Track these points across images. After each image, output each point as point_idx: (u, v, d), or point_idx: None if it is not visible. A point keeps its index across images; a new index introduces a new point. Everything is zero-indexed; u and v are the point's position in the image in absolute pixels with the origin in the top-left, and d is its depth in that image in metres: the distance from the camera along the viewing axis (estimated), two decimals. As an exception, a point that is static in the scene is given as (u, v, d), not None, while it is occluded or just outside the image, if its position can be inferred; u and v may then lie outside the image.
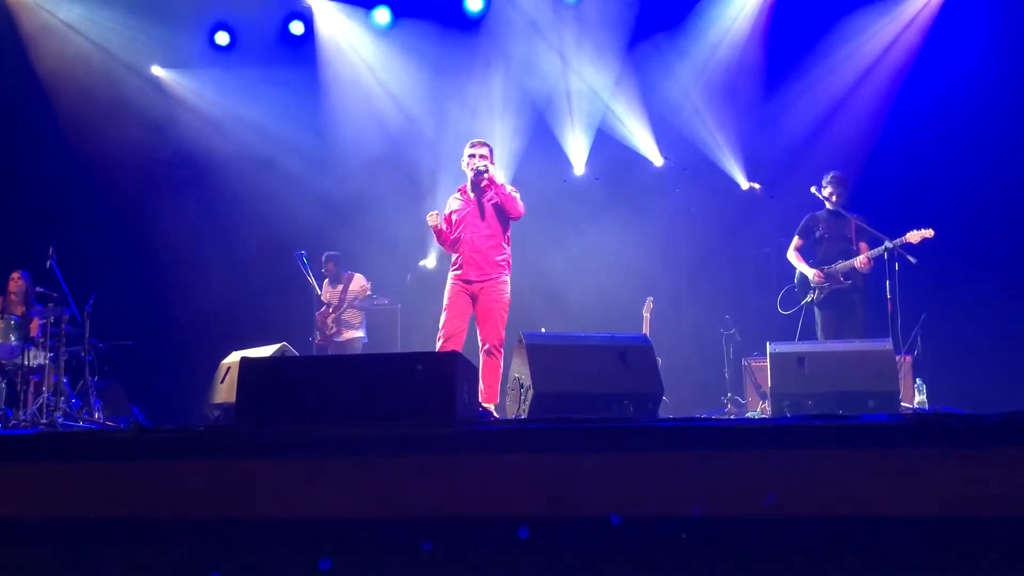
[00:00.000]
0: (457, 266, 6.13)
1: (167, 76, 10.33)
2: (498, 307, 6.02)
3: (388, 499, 2.38)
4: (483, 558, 2.36)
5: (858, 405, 5.15)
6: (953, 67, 8.48)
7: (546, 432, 2.53)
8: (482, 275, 6.03)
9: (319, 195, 9.91)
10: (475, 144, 6.26)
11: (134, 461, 2.45)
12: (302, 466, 2.45)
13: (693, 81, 9.59)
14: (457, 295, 6.05)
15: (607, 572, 2.30)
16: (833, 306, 7.09)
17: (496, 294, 6.02)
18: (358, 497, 2.36)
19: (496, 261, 6.07)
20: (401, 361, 3.00)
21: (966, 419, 2.53)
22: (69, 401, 7.40)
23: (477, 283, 6.03)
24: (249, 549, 2.31)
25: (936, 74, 8.63)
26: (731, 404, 8.06)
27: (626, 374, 5.06)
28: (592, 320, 8.59)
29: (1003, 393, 7.06)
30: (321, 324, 8.76)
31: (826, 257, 7.16)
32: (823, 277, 7.06)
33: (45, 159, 9.59)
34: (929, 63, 8.72)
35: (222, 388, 6.17)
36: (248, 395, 2.89)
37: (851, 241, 7.08)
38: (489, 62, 9.68)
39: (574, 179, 10.01)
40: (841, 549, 2.29)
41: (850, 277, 7.01)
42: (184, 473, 2.41)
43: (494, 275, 6.04)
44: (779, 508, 2.37)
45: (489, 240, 6.08)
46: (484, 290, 6.02)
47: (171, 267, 9.72)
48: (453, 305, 6.05)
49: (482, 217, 6.10)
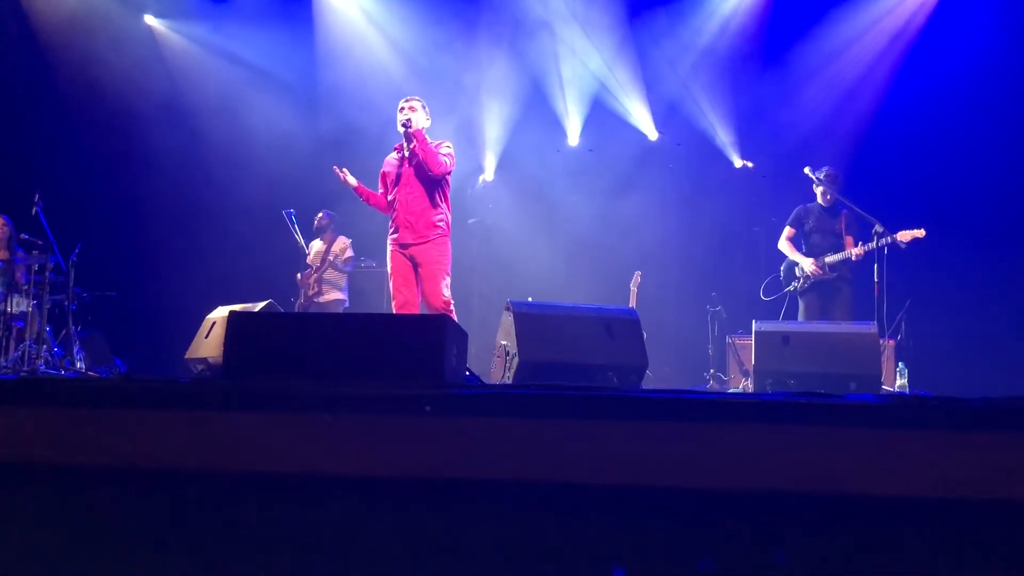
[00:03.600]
0: (393, 230, 5.88)
1: (160, 26, 10.18)
2: (437, 268, 5.72)
3: (373, 457, 2.39)
4: (464, 519, 2.37)
5: (840, 386, 5.19)
6: (950, 57, 8.50)
7: (533, 398, 2.53)
8: (418, 237, 5.74)
9: (310, 153, 9.82)
10: (406, 100, 5.94)
11: (119, 409, 2.44)
12: (288, 421, 2.45)
13: (691, 57, 9.55)
14: (398, 262, 5.81)
15: (587, 537, 2.32)
16: (816, 294, 7.18)
17: (434, 255, 5.74)
18: (344, 454, 2.37)
19: (432, 221, 5.76)
20: (392, 321, 2.99)
21: (948, 402, 2.56)
22: (51, 349, 7.37)
23: (414, 246, 5.75)
24: (232, 501, 2.32)
25: (933, 63, 8.65)
26: (713, 380, 8.11)
27: (612, 346, 5.08)
28: (580, 291, 8.61)
29: (982, 380, 7.14)
30: (303, 285, 8.70)
31: (813, 251, 7.26)
32: (820, 267, 7.13)
33: (33, 105, 9.47)
34: (927, 51, 8.74)
35: (206, 343, 6.16)
36: (236, 349, 2.88)
37: (840, 236, 7.20)
38: (488, 26, 9.59)
39: (568, 149, 9.98)
40: (821, 525, 2.32)
41: (836, 269, 7.10)
42: (169, 423, 2.40)
43: (431, 236, 5.75)
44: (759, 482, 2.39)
45: (420, 200, 5.76)
46: (421, 252, 5.74)
47: (158, 219, 9.65)
48: (396, 273, 5.82)
49: (415, 176, 5.78)
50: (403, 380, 2.75)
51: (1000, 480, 2.25)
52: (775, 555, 2.30)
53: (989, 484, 2.27)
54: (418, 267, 5.76)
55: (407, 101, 5.91)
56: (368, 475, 2.38)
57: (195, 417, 2.37)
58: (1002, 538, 2.23)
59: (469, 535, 2.36)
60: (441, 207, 5.84)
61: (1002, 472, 2.25)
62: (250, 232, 9.60)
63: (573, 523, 2.34)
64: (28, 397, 2.46)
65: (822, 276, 7.12)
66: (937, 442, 2.34)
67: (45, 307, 7.27)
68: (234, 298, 6.98)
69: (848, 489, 2.34)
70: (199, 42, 10.17)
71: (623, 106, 9.76)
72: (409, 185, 5.79)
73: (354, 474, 2.35)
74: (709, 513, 2.34)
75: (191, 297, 8.62)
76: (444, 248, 5.79)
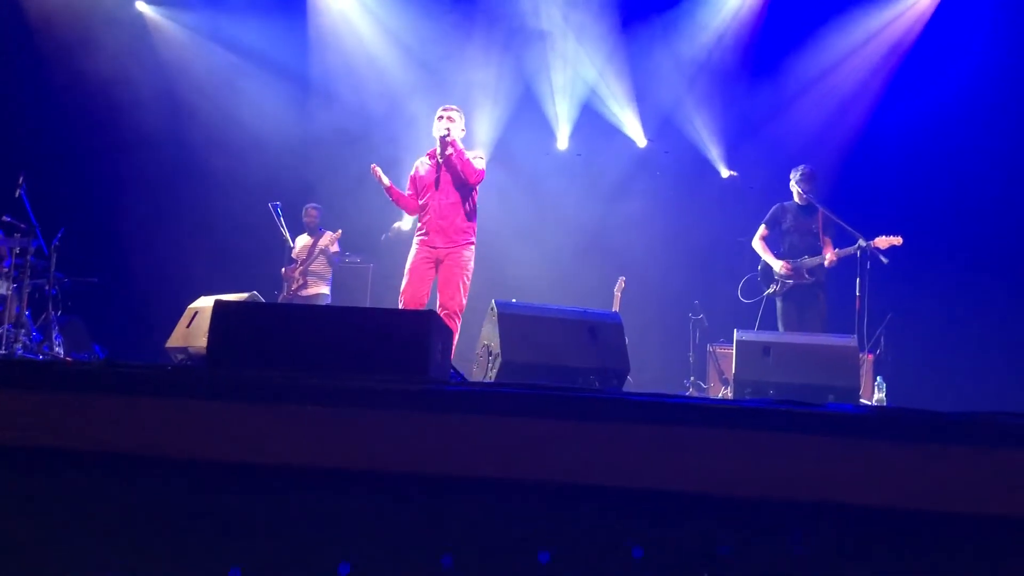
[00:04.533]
0: (423, 232, 6.12)
1: (151, 13, 10.13)
2: (461, 272, 6.01)
3: (355, 451, 2.39)
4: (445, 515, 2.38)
5: (819, 397, 5.22)
6: (939, 73, 8.60)
7: (517, 396, 2.54)
8: (448, 242, 6.03)
9: (297, 148, 9.81)
10: (446, 108, 6.18)
11: (100, 394, 2.43)
12: (270, 412, 2.44)
13: (682, 67, 9.60)
14: (421, 260, 6.04)
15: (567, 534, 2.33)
16: (794, 299, 7.22)
17: (461, 260, 6.02)
18: (327, 447, 2.37)
19: (462, 228, 6.06)
20: (378, 316, 2.99)
21: (926, 415, 2.58)
22: (30, 334, 7.32)
23: (443, 249, 6.03)
24: (212, 490, 2.31)
25: (923, 79, 8.74)
26: (693, 388, 8.15)
27: (595, 349, 5.10)
28: (564, 294, 8.63)
29: (960, 396, 7.23)
30: (288, 278, 8.68)
31: (791, 250, 7.27)
32: (790, 269, 7.16)
33: (21, 88, 9.39)
34: (918, 67, 8.83)
35: (188, 332, 6.14)
36: (220, 338, 2.87)
37: (817, 236, 7.20)
38: (480, 27, 9.60)
39: (556, 152, 10.00)
40: (797, 533, 2.34)
41: (814, 274, 7.13)
42: (151, 410, 2.39)
43: (461, 242, 6.05)
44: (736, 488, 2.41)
45: (455, 208, 6.05)
46: (449, 256, 6.02)
47: (142, 207, 9.60)
48: (415, 270, 6.04)
49: (449, 183, 6.06)
50: (387, 374, 2.75)
51: (976, 494, 2.28)
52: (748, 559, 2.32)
53: (965, 497, 2.30)
54: (440, 268, 6.04)
55: (446, 110, 6.14)
56: (349, 468, 2.38)
57: (178, 405, 2.37)
58: (977, 551, 2.26)
59: (449, 530, 2.36)
60: (472, 215, 6.14)
61: (978, 486, 2.28)
62: (235, 223, 9.57)
63: (553, 520, 2.36)
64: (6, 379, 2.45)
65: (799, 279, 7.15)
66: (914, 454, 2.37)
67: (25, 291, 7.21)
68: (216, 289, 6.96)
69: (826, 497, 2.36)
70: (190, 29, 10.13)
71: (613, 113, 9.80)
72: (445, 192, 6.05)
73: (336, 467, 2.35)
74: (683, 515, 2.35)
75: (173, 286, 8.59)
76: (470, 255, 6.09)
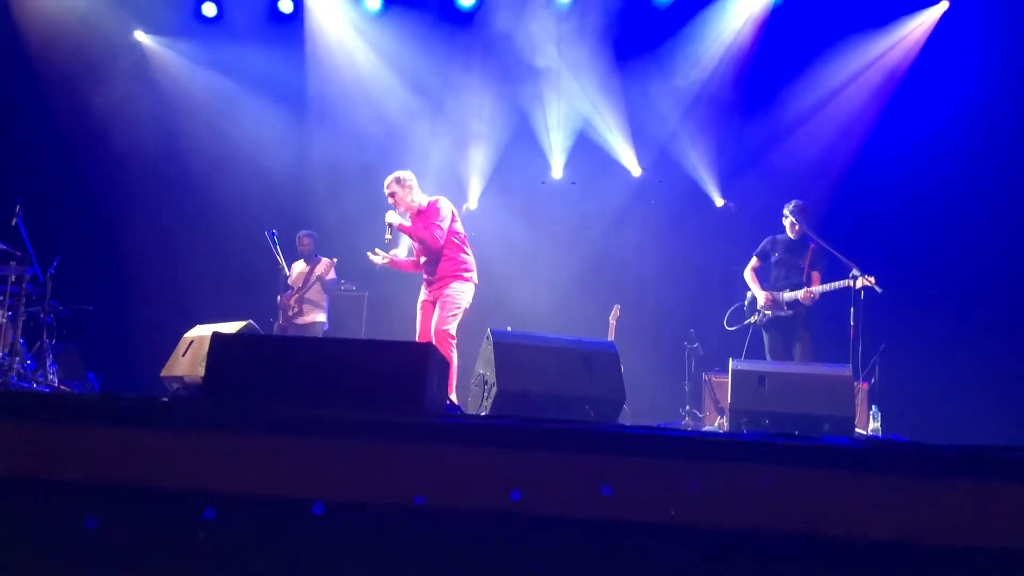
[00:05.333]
0: (423, 283, 6.69)
1: (150, 43, 10.20)
2: (446, 301, 6.41)
3: (351, 483, 2.39)
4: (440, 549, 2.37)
5: (814, 427, 5.24)
6: (932, 100, 8.66)
7: (513, 430, 2.55)
8: (435, 287, 6.54)
9: (293, 176, 9.85)
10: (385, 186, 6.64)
11: (96, 426, 2.43)
12: (266, 444, 2.45)
13: (676, 95, 9.67)
14: (424, 303, 6.62)
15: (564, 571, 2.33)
16: (778, 330, 7.30)
17: (447, 292, 6.44)
18: (323, 479, 2.37)
19: (446, 272, 6.50)
20: (374, 348, 3.00)
21: (922, 448, 2.59)
22: (24, 362, 7.28)
23: (435, 291, 6.52)
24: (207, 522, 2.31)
25: (914, 106, 8.81)
26: (689, 417, 8.14)
27: (590, 379, 5.11)
28: (559, 323, 8.64)
29: (955, 424, 7.24)
30: (284, 306, 8.67)
31: (775, 283, 7.38)
32: (770, 300, 7.24)
33: (18, 116, 9.43)
34: (909, 95, 8.90)
35: (183, 361, 6.12)
36: (217, 369, 2.88)
37: (803, 271, 7.25)
38: (477, 57, 9.68)
39: (552, 181, 10.05)
40: (793, 566, 2.34)
41: (793, 307, 7.18)
42: (147, 442, 2.39)
43: (444, 282, 6.48)
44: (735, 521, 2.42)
45: (433, 262, 6.55)
46: (438, 296, 6.49)
47: (138, 235, 9.61)
48: (422, 310, 6.61)
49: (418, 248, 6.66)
50: (384, 406, 2.75)
51: (971, 527, 2.29)
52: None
53: (960, 531, 2.30)
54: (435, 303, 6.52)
55: (386, 188, 6.63)
56: (345, 500, 2.38)
57: (174, 436, 2.37)
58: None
59: (444, 565, 2.36)
60: (452, 257, 6.54)
61: (973, 519, 2.29)
62: (230, 251, 9.59)
63: (549, 556, 2.35)
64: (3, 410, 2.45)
65: (778, 311, 7.22)
66: (909, 487, 2.37)
67: (20, 319, 7.20)
68: (212, 317, 6.95)
69: (821, 531, 2.37)
70: (188, 59, 10.19)
71: (607, 142, 9.86)
72: (425, 252, 6.60)
73: (332, 499, 2.35)
74: (680, 549, 2.35)
75: (168, 315, 8.58)
76: (458, 286, 6.47)
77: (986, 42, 8.50)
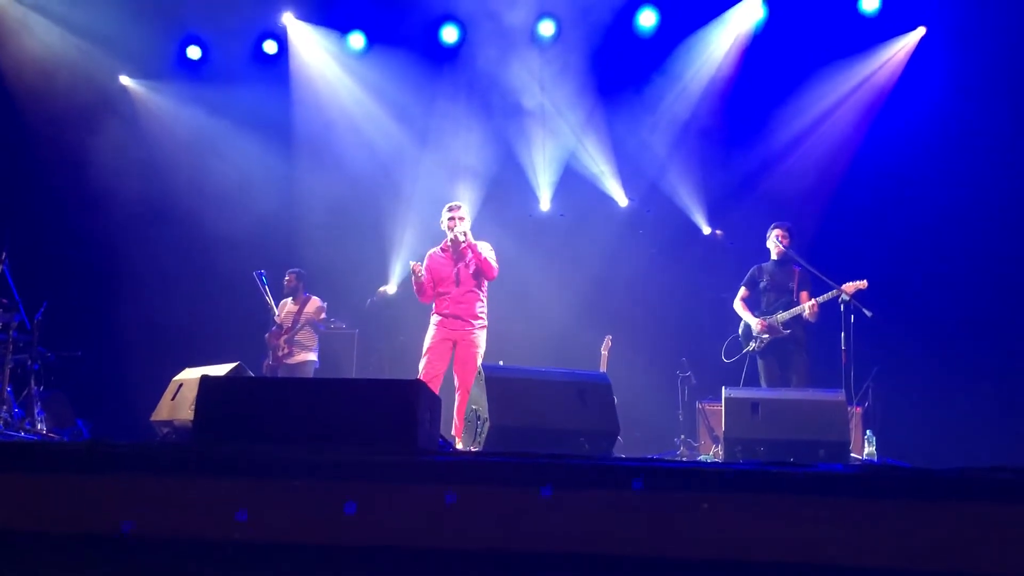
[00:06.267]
0: (442, 315, 6.73)
1: (135, 86, 10.24)
2: (476, 351, 6.60)
3: (345, 525, 2.36)
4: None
5: (809, 453, 5.21)
6: (917, 120, 8.72)
7: (507, 466, 2.53)
8: (464, 326, 6.65)
9: (280, 215, 9.84)
10: (453, 208, 6.83)
11: (87, 475, 2.40)
12: (258, 487, 2.41)
13: (661, 125, 9.73)
14: (439, 341, 6.64)
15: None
16: (774, 355, 7.29)
17: (476, 340, 6.63)
18: (316, 522, 2.34)
19: (476, 313, 6.70)
20: (365, 387, 2.98)
21: (918, 473, 2.58)
22: (12, 410, 7.21)
23: (460, 332, 6.64)
24: (202, 568, 2.27)
25: (895, 126, 8.87)
26: (683, 446, 8.09)
27: (584, 411, 5.08)
28: (551, 355, 8.61)
29: (950, 447, 7.22)
30: (273, 345, 8.62)
31: (768, 308, 7.38)
32: (765, 326, 7.24)
33: (3, 159, 9.41)
34: (893, 116, 8.97)
35: (172, 405, 6.07)
36: (206, 413, 2.85)
37: (792, 292, 7.29)
38: (462, 92, 9.73)
39: (539, 214, 10.08)
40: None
41: (789, 327, 7.19)
42: (138, 489, 2.36)
43: (476, 325, 6.67)
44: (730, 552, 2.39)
45: (469, 295, 6.72)
46: (464, 337, 6.62)
47: (125, 280, 9.57)
48: (434, 349, 6.63)
49: (468, 277, 6.74)
50: (376, 445, 2.73)
51: (969, 551, 2.27)
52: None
53: (958, 555, 2.29)
54: (457, 347, 6.64)
55: (453, 210, 6.84)
56: (339, 544, 2.35)
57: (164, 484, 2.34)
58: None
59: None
60: (483, 300, 6.83)
61: (971, 543, 2.27)
62: (218, 293, 9.55)
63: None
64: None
65: (776, 333, 7.22)
66: (907, 512, 2.36)
67: (7, 366, 7.13)
68: (201, 359, 6.90)
69: (820, 559, 2.35)
70: (174, 101, 10.22)
71: (594, 173, 9.90)
72: (464, 285, 6.74)
73: (325, 543, 2.32)
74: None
75: (157, 358, 8.51)
76: (484, 335, 6.74)
77: (965, 63, 8.60)
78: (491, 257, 6.78)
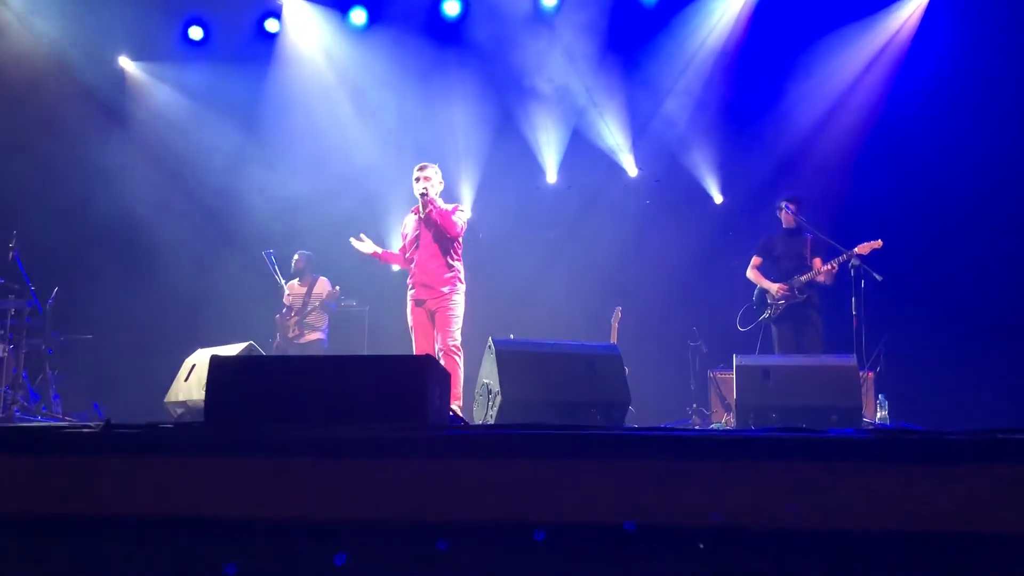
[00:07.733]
0: (411, 286, 6.55)
1: (134, 68, 10.19)
2: (450, 315, 6.38)
3: (359, 501, 2.37)
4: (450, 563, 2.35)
5: (821, 419, 5.21)
6: (927, 85, 8.62)
7: (518, 438, 2.53)
8: (433, 294, 6.42)
9: (288, 194, 9.82)
10: (421, 168, 6.57)
11: (101, 457, 2.42)
12: (271, 466, 2.43)
13: (670, 94, 9.65)
14: (417, 316, 6.48)
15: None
16: (789, 321, 7.30)
17: (447, 306, 6.39)
18: (329, 499, 2.35)
19: (444, 278, 6.44)
20: (374, 363, 2.98)
21: (929, 436, 2.58)
22: (28, 395, 7.27)
23: (431, 300, 6.42)
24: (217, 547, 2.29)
25: (910, 92, 8.77)
26: (695, 415, 8.11)
27: (594, 382, 5.09)
28: (560, 327, 8.61)
29: (962, 410, 7.20)
30: (282, 326, 8.65)
31: (783, 276, 7.37)
32: (785, 290, 7.24)
33: (9, 150, 9.40)
34: (906, 80, 8.86)
35: (186, 385, 6.11)
36: (217, 393, 2.86)
37: (806, 259, 7.34)
38: (465, 67, 9.66)
39: (547, 187, 10.03)
40: (804, 561, 2.32)
41: (805, 291, 7.19)
42: (152, 470, 2.38)
43: (444, 291, 6.41)
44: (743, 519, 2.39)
45: (435, 259, 6.45)
46: (438, 305, 6.40)
47: (135, 262, 9.59)
48: (417, 327, 6.49)
49: (429, 239, 6.47)
50: (387, 422, 2.73)
51: (982, 513, 2.27)
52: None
53: (971, 517, 2.28)
54: (434, 316, 6.42)
55: (422, 170, 6.54)
56: (353, 519, 2.36)
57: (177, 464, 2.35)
58: (985, 572, 2.24)
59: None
60: (454, 264, 6.51)
61: (984, 505, 2.27)
62: (229, 273, 9.57)
63: (561, 564, 2.33)
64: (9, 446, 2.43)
65: (792, 299, 7.22)
66: (919, 476, 2.36)
67: (22, 352, 7.19)
68: (213, 340, 6.93)
69: (834, 524, 2.35)
70: (176, 85, 10.18)
71: (602, 144, 9.84)
72: (426, 247, 6.47)
73: (339, 518, 2.33)
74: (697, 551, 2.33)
75: (170, 339, 8.56)
76: (458, 297, 6.45)
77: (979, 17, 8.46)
78: (458, 217, 6.46)
